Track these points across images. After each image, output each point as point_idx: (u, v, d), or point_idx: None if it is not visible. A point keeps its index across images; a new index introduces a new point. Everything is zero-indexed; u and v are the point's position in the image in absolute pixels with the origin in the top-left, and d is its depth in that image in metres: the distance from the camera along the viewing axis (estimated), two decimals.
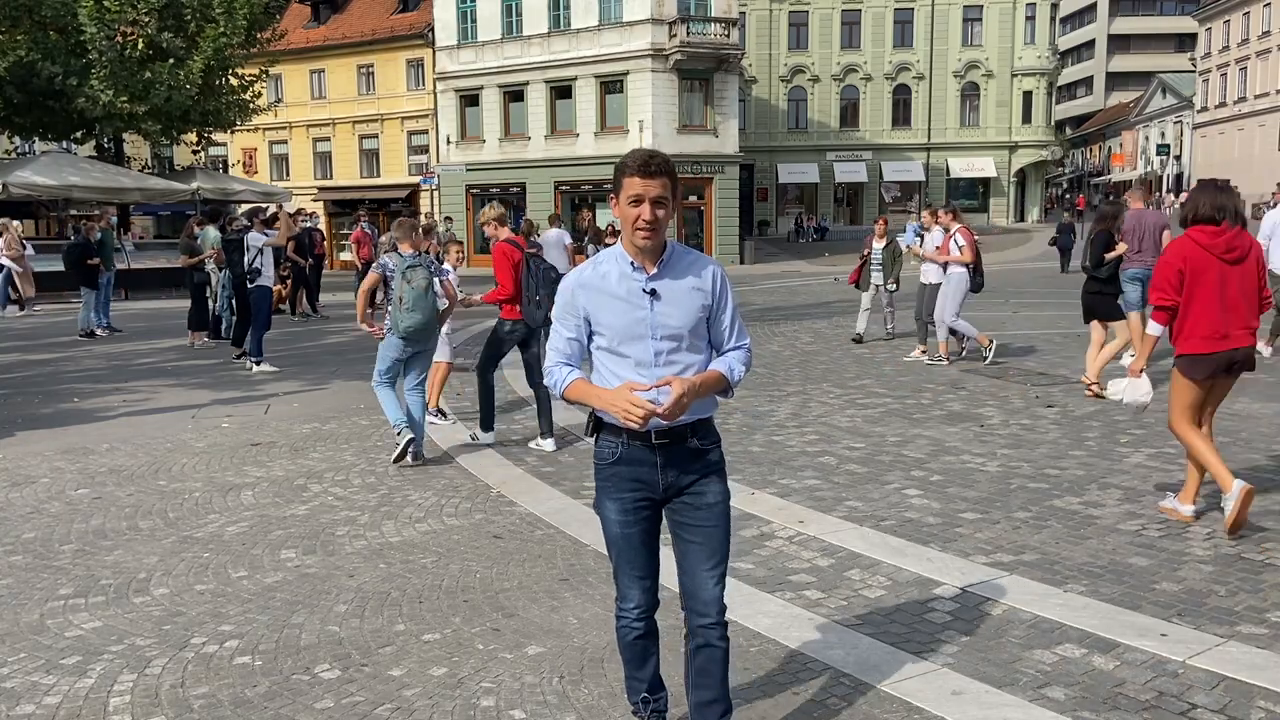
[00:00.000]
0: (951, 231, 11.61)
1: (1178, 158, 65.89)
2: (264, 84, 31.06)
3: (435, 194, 40.97)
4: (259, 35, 29.56)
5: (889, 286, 13.58)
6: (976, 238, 11.82)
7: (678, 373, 2.93)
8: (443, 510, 6.24)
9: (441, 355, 8.69)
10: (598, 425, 3.06)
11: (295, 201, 36.02)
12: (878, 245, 13.66)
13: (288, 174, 47.02)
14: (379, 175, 45.47)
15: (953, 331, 11.73)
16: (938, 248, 11.79)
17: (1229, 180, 5.93)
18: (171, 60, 25.93)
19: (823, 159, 51.43)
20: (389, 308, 7.27)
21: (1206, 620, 4.32)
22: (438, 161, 41.56)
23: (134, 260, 24.32)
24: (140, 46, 25.90)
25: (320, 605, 4.72)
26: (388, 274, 7.23)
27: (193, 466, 7.46)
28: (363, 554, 5.44)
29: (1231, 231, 5.42)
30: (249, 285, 12.10)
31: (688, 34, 35.49)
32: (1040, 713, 3.58)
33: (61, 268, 18.26)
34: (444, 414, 8.91)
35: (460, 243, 11.17)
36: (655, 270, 2.96)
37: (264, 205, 25.58)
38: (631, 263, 2.96)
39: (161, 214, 36.18)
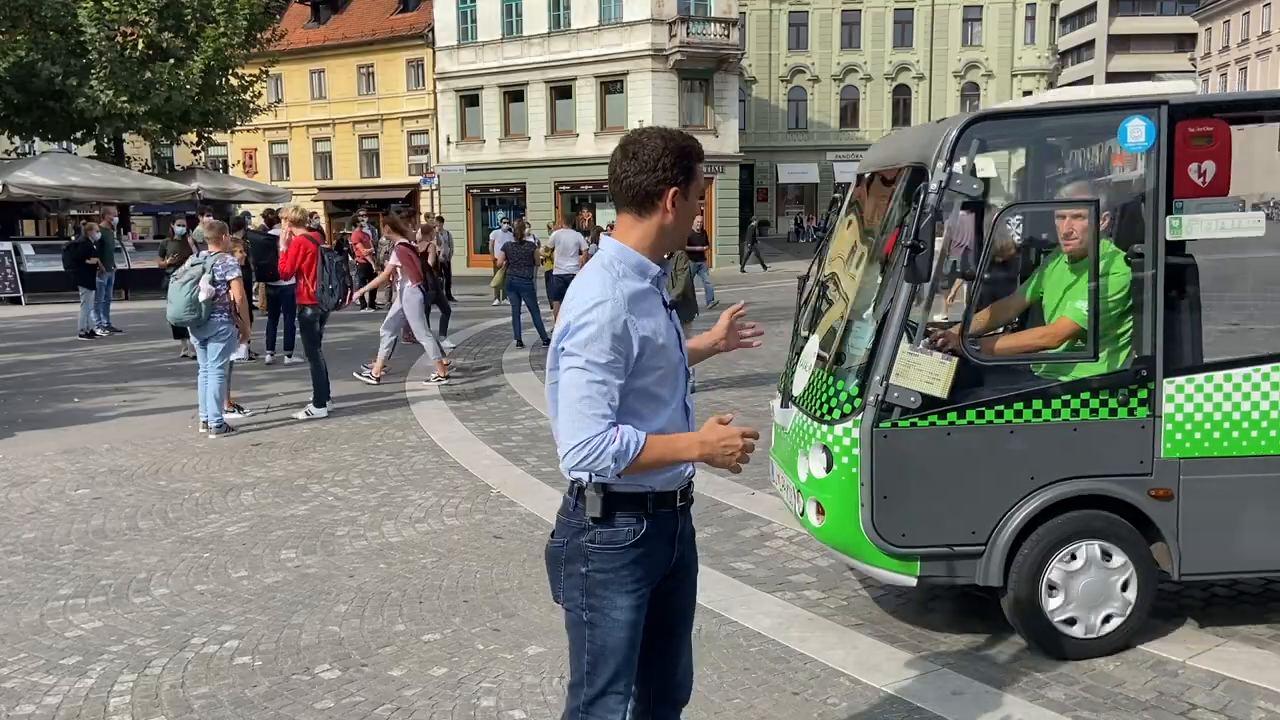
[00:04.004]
0: (393, 245, 10.80)
1: None
2: (264, 84, 31.03)
3: (435, 194, 40.93)
4: (259, 35, 29.52)
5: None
6: (424, 249, 11.28)
7: None
8: (443, 510, 6.24)
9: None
10: (610, 503, 2.33)
11: (295, 201, 36.02)
12: None
13: (288, 174, 46.99)
14: (379, 175, 45.43)
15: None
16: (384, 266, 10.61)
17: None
18: (171, 60, 25.90)
19: (823, 159, 51.37)
20: None
21: (1206, 620, 4.32)
22: (438, 162, 41.52)
23: (134, 260, 24.30)
24: (140, 46, 25.86)
25: (320, 605, 4.72)
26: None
27: (193, 466, 7.46)
28: (363, 554, 5.44)
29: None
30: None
31: (688, 34, 35.44)
32: (1040, 713, 3.59)
33: (61, 268, 18.25)
34: (239, 408, 9.28)
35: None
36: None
37: (276, 206, 25.66)
38: (661, 272, 2.35)
39: (162, 214, 36.15)
